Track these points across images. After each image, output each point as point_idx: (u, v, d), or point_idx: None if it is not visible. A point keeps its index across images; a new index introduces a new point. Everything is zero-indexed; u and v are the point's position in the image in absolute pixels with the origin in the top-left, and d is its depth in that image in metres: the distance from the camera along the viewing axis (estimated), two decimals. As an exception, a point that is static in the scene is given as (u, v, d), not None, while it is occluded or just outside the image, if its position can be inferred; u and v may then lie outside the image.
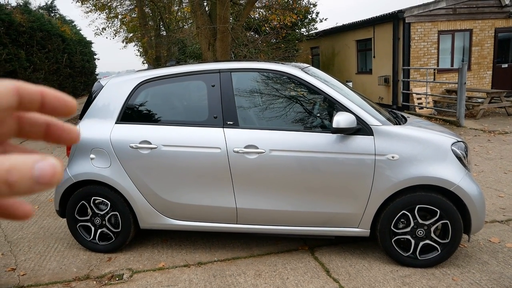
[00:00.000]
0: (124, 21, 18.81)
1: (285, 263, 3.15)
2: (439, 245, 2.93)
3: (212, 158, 3.03)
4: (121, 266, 3.20)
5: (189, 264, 3.20)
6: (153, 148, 3.11)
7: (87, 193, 3.30)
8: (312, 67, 3.67)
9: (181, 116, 3.23)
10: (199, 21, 9.65)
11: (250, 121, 3.11)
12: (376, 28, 12.00)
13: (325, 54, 15.75)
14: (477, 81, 11.77)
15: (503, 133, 7.86)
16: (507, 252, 3.15)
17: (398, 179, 2.82)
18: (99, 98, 3.35)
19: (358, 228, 3.01)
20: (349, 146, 2.88)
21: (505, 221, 3.74)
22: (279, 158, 2.95)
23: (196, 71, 3.22)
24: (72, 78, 21.78)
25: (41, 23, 17.52)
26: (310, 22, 15.37)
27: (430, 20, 10.92)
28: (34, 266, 3.27)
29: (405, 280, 2.82)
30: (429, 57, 11.14)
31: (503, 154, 6.25)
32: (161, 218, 3.24)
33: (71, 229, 3.40)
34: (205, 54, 9.89)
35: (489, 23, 11.46)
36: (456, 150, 2.90)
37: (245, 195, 3.05)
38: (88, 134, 3.26)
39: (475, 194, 2.82)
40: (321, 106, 3.26)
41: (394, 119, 3.22)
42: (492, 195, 4.43)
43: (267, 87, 3.25)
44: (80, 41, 24.23)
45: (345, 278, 2.89)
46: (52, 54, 18.56)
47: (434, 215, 2.88)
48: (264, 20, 12.95)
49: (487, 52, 11.64)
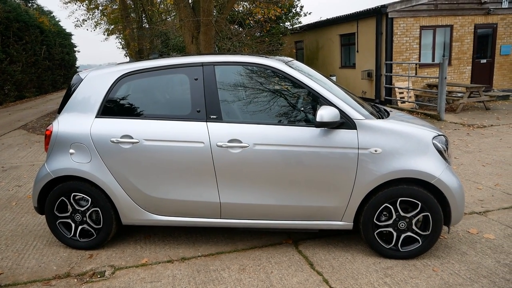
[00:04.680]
0: (105, 13, 18.38)
1: (269, 257, 3.15)
2: (420, 237, 2.98)
3: (195, 152, 2.99)
4: (102, 263, 3.15)
5: (172, 259, 3.17)
6: (135, 143, 3.05)
7: (66, 189, 3.22)
8: (296, 61, 3.66)
9: (163, 110, 3.17)
10: (182, 14, 9.50)
11: (233, 115, 3.08)
12: (360, 23, 12.08)
13: (309, 48, 15.78)
14: (457, 76, 12.02)
15: (482, 127, 8.07)
16: (484, 242, 3.24)
17: (380, 172, 2.85)
18: (78, 91, 3.26)
19: (342, 221, 3.04)
20: (332, 140, 2.89)
21: (483, 213, 3.84)
22: (263, 152, 2.93)
23: (179, 64, 3.17)
24: (51, 71, 21.22)
25: (17, 13, 16.95)
26: (294, 16, 15.36)
27: (413, 16, 11.06)
28: (12, 264, 3.18)
29: (387, 271, 2.86)
30: (411, 52, 11.31)
31: (481, 147, 6.41)
32: (144, 214, 3.20)
33: (51, 226, 3.32)
34: (188, 47, 9.77)
35: (469, 19, 11.69)
36: (437, 144, 2.95)
37: (228, 190, 3.03)
38: (67, 129, 3.18)
39: (455, 187, 2.88)
40: (304, 100, 3.26)
41: (377, 113, 3.24)
42: (471, 187, 4.54)
43: (251, 81, 3.23)
44: (59, 33, 23.59)
45: (328, 270, 2.92)
46: (30, 46, 18.02)
47: (415, 207, 2.93)
48: (248, 13, 12.87)
49: (466, 48, 11.89)
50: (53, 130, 3.23)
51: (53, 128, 3.24)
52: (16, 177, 5.77)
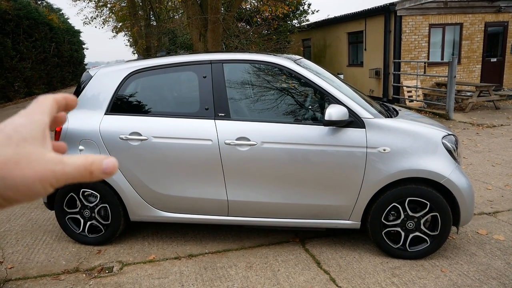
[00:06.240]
0: (114, 10, 18.48)
1: (276, 255, 3.15)
2: (428, 237, 2.96)
3: (203, 150, 3.00)
4: (111, 259, 3.17)
5: (180, 256, 3.19)
6: (144, 140, 3.07)
7: (76, 185, 3.25)
8: (304, 59, 3.65)
9: (171, 108, 3.18)
10: (190, 11, 9.51)
11: (242, 113, 3.08)
12: (368, 21, 11.99)
13: (316, 46, 15.71)
14: (467, 74, 11.88)
15: (491, 127, 7.97)
16: (494, 243, 3.20)
17: (389, 171, 2.83)
18: (88, 89, 3.28)
19: (349, 220, 3.03)
20: (340, 139, 2.88)
21: (492, 213, 3.80)
22: (270, 151, 2.93)
23: (187, 62, 3.17)
24: (60, 68, 21.40)
25: (27, 11, 17.11)
26: (301, 13, 15.29)
27: (421, 13, 10.95)
28: (22, 259, 3.23)
29: (394, 271, 2.85)
30: (419, 50, 11.20)
31: (491, 147, 6.34)
32: (152, 210, 3.22)
33: (60, 221, 3.35)
34: (196, 45, 9.78)
35: (479, 17, 11.54)
36: (446, 143, 2.92)
37: (236, 187, 3.04)
38: (76, 125, 3.20)
39: (465, 187, 2.85)
40: (313, 98, 3.25)
41: (385, 112, 3.22)
42: (480, 188, 4.49)
43: (259, 79, 3.22)
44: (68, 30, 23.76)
45: (335, 269, 2.91)
46: (39, 43, 18.18)
47: (424, 207, 2.91)
48: (256, 11, 12.84)
49: (476, 46, 11.74)
50: (63, 127, 3.26)
51: (62, 125, 3.27)
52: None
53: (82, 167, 0.39)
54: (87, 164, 0.39)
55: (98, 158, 0.40)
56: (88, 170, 0.39)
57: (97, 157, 0.40)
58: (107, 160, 0.41)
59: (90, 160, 0.40)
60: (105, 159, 0.41)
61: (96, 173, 0.40)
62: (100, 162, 0.40)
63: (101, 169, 0.40)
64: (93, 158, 0.40)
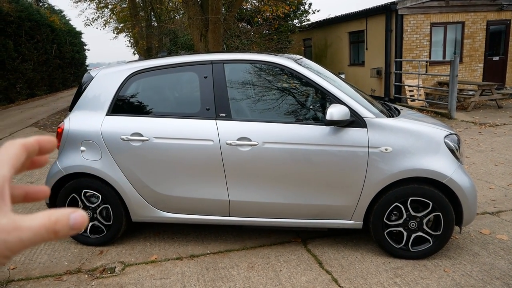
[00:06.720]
0: (115, 11, 18.51)
1: (278, 255, 3.15)
2: (431, 237, 2.95)
3: (204, 150, 3.00)
4: (113, 259, 3.17)
5: (181, 256, 3.19)
6: (145, 141, 3.07)
7: (77, 186, 3.25)
8: (306, 59, 3.64)
9: (173, 108, 3.18)
10: (190, 12, 9.51)
11: (243, 113, 3.07)
12: (369, 20, 11.97)
13: (317, 45, 15.69)
14: (469, 73, 11.84)
15: (494, 126, 7.94)
16: (497, 243, 3.19)
17: (391, 171, 2.82)
18: (89, 90, 3.28)
19: (351, 220, 3.02)
20: (342, 139, 2.87)
21: (495, 213, 3.78)
22: (272, 151, 2.92)
23: (188, 62, 3.17)
24: (61, 69, 21.45)
25: (29, 12, 17.15)
26: (302, 13, 15.28)
27: (423, 12, 10.92)
28: (25, 259, 3.23)
29: (397, 271, 2.84)
30: (421, 49, 11.17)
31: (493, 146, 6.31)
32: (153, 211, 3.21)
33: (62, 222, 3.35)
34: (197, 45, 9.78)
35: (481, 16, 11.50)
36: (449, 143, 2.90)
37: (238, 188, 3.03)
38: (78, 126, 3.20)
39: (468, 187, 2.84)
40: (314, 98, 3.24)
41: (387, 112, 3.21)
42: (483, 187, 4.47)
43: (260, 79, 3.22)
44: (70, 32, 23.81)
45: (337, 270, 2.90)
46: (41, 45, 18.23)
47: (426, 207, 2.90)
48: (257, 11, 12.83)
49: (478, 45, 11.70)
50: (65, 128, 3.26)
51: (64, 126, 3.27)
52: (29, 174, 5.85)
53: (43, 230, 0.34)
54: (49, 224, 0.34)
55: (63, 213, 0.35)
56: (51, 230, 0.34)
57: (62, 212, 0.35)
58: (74, 214, 0.35)
59: (54, 219, 0.34)
60: (71, 214, 0.35)
61: (62, 232, 0.35)
62: (65, 218, 0.35)
63: (68, 225, 0.35)
64: (56, 216, 0.35)
